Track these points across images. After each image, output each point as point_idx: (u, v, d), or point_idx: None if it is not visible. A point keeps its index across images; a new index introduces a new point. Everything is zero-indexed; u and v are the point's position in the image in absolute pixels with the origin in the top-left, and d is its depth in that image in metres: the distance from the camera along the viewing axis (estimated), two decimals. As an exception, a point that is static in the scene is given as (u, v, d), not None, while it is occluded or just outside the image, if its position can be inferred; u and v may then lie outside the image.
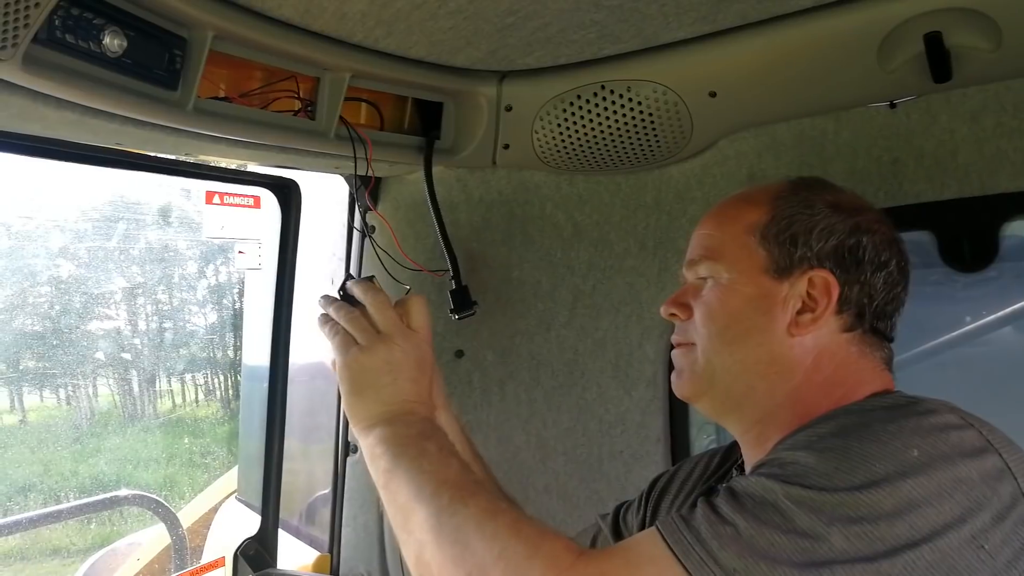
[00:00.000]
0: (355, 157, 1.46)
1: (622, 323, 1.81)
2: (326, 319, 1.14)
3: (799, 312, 1.00)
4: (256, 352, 1.99)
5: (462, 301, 1.69)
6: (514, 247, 1.85)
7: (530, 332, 1.87)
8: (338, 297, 1.16)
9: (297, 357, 1.94)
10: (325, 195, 1.95)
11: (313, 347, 1.97)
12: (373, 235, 1.77)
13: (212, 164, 1.72)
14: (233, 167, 1.75)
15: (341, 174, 1.77)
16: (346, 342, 1.10)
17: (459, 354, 1.88)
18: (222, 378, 2.79)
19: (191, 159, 1.62)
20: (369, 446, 1.03)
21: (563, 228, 1.83)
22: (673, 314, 1.09)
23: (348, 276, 1.22)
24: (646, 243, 1.77)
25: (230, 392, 2.77)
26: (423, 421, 1.06)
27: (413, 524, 0.92)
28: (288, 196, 1.82)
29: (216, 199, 1.78)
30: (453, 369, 1.88)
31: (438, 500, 0.91)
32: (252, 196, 1.83)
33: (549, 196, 1.82)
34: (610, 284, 1.81)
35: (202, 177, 1.72)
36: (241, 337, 2.36)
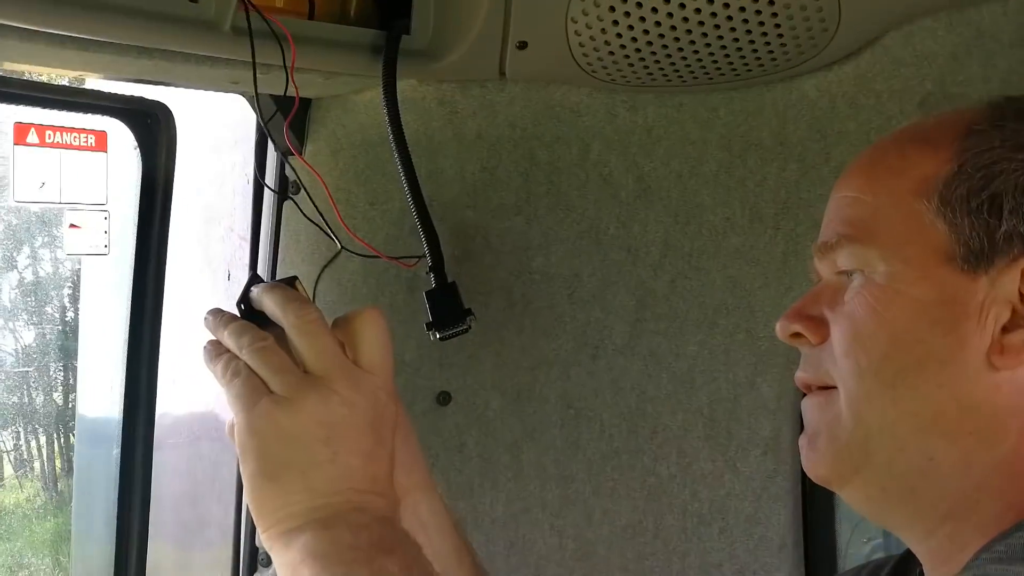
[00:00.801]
0: (262, 64, 1.46)
1: (720, 346, 1.80)
2: (217, 350, 1.16)
3: (1006, 329, 0.99)
4: (100, 396, 1.99)
5: (448, 310, 1.68)
6: (536, 216, 1.84)
7: (563, 361, 1.87)
8: (237, 313, 1.19)
9: (170, 403, 1.93)
10: (213, 130, 1.93)
11: (197, 384, 1.97)
12: (296, 197, 1.76)
13: (25, 79, 1.71)
14: (62, 83, 1.74)
15: (242, 93, 1.75)
16: (252, 390, 1.11)
17: (443, 399, 1.87)
18: (43, 440, 2.79)
19: (-12, 69, 1.62)
20: (290, 564, 1.05)
21: (619, 183, 1.81)
22: (797, 334, 1.10)
23: (254, 276, 1.24)
24: (761, 210, 1.76)
25: (57, 463, 2.74)
26: (380, 523, 1.08)
27: None
28: (154, 131, 1.78)
29: (32, 136, 1.73)
30: (433, 423, 1.86)
31: None
32: (93, 132, 1.78)
33: (596, 129, 1.80)
34: (699, 279, 1.81)
35: (7, 99, 1.69)
36: (75, 371, 2.37)
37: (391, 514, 1.12)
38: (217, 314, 1.18)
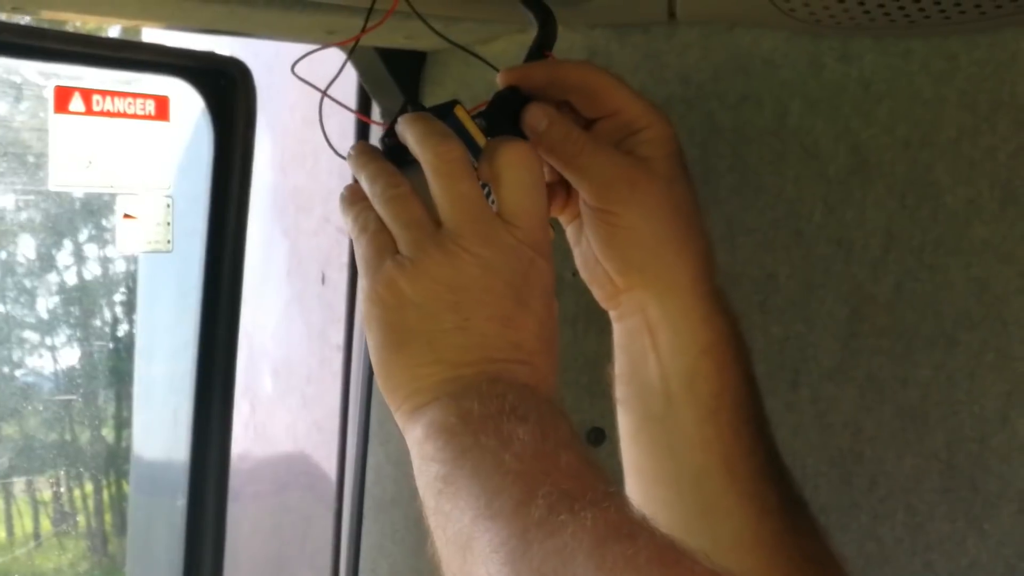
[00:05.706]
0: (365, 8, 1.39)
1: (962, 370, 1.62)
2: (353, 197, 1.17)
3: None
4: (160, 431, 1.99)
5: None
6: (716, 200, 1.75)
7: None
8: (381, 148, 1.20)
9: (250, 441, 1.94)
10: (302, 95, 1.93)
11: (283, 417, 1.98)
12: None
13: (67, 31, 1.73)
14: (112, 37, 1.81)
15: (339, 46, 1.69)
16: (377, 250, 1.13)
17: (596, 437, 1.77)
18: (89, 488, 2.79)
19: (24, 19, 1.65)
20: (417, 441, 1.08)
21: (827, 155, 1.68)
22: None
23: (409, 102, 1.25)
24: (1016, 190, 1.60)
25: (107, 517, 2.76)
26: (517, 392, 1.07)
27: (474, 562, 0.96)
28: (229, 96, 1.76)
29: (76, 103, 1.69)
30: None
31: (524, 515, 0.94)
32: (152, 97, 1.73)
33: (796, 85, 1.67)
34: (933, 281, 1.65)
35: (47, 57, 1.69)
36: (129, 399, 2.34)
37: (535, 382, 1.09)
38: (362, 151, 1.18)
